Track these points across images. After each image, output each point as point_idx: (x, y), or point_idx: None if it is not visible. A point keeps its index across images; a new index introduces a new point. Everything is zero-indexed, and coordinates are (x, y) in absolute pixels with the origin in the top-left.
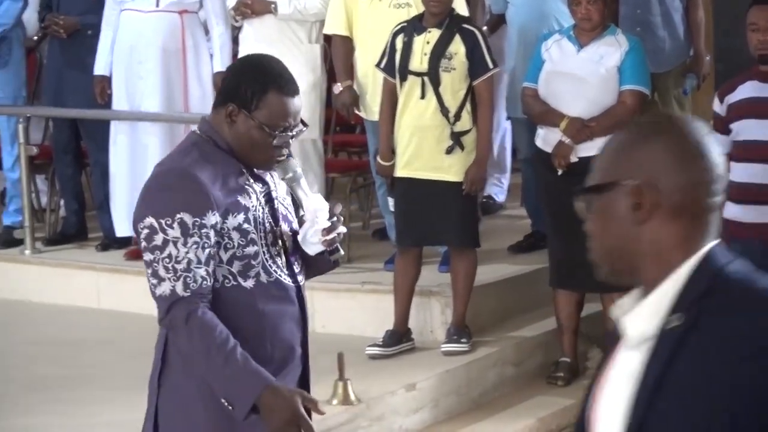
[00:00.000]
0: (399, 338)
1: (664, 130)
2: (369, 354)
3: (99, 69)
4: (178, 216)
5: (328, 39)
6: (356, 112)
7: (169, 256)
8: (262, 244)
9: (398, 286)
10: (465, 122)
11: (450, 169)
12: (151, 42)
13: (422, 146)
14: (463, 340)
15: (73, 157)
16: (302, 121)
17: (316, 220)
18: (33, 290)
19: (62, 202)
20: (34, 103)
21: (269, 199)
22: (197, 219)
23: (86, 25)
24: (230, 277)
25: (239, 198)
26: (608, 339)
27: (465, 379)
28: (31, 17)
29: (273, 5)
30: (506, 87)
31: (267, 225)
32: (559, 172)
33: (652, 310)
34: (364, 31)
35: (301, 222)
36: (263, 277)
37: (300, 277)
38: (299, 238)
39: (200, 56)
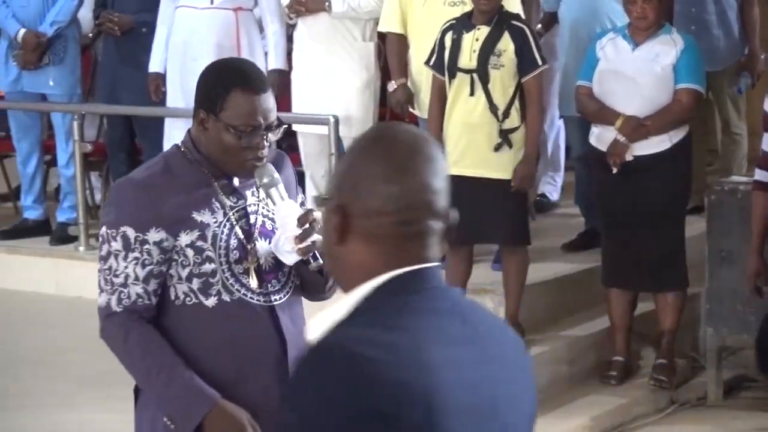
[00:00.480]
0: None
1: (369, 151)
2: None
3: (153, 66)
4: (122, 229)
5: (382, 37)
6: (411, 110)
7: (110, 268)
8: (221, 262)
9: (450, 284)
10: (514, 119)
11: (499, 167)
12: (205, 39)
13: (471, 144)
14: None
15: (127, 154)
16: (279, 120)
17: (285, 227)
18: (86, 287)
19: None
20: (89, 101)
21: (244, 215)
22: (139, 234)
23: (140, 23)
24: (191, 294)
25: (195, 214)
26: None
27: None
28: (86, 15)
29: (327, 3)
30: (558, 85)
31: (232, 242)
32: (614, 171)
33: (321, 322)
34: (418, 29)
35: None
36: (225, 296)
37: (277, 297)
38: (272, 246)
39: (255, 54)
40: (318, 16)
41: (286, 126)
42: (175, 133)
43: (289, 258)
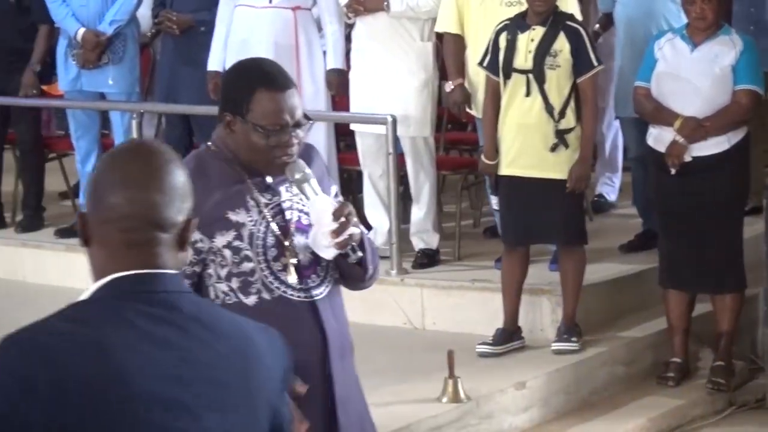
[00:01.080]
0: (509, 336)
1: (108, 163)
2: (479, 352)
3: (213, 65)
4: None
5: (439, 37)
6: (467, 110)
7: None
8: (259, 261)
9: (505, 285)
10: (570, 120)
11: (555, 167)
12: (263, 38)
13: (527, 144)
14: (573, 339)
15: (186, 153)
16: (305, 116)
17: (320, 222)
18: None
19: None
20: (147, 99)
21: (279, 212)
22: None
23: (199, 22)
24: (231, 293)
25: (231, 214)
26: None
27: (575, 378)
28: (145, 14)
29: (386, 2)
30: (614, 86)
31: (269, 240)
32: (672, 172)
33: None
34: (475, 29)
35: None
36: (265, 294)
37: (316, 292)
38: (309, 242)
39: (313, 53)
40: (377, 15)
41: (313, 122)
42: None
43: (327, 252)
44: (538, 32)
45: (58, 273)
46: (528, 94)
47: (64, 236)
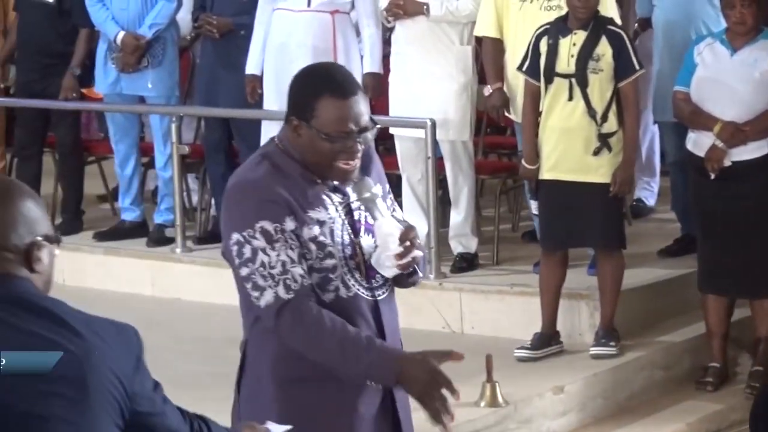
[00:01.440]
0: (547, 341)
1: None
2: (517, 356)
3: (250, 68)
4: (258, 225)
5: (478, 41)
6: (506, 114)
7: (262, 264)
8: (340, 258)
9: (544, 289)
10: (612, 124)
11: (597, 171)
12: (302, 41)
13: (569, 148)
14: (611, 344)
15: (225, 156)
16: (372, 120)
17: (387, 246)
18: (183, 288)
19: (213, 201)
20: (187, 103)
21: (349, 211)
22: (277, 224)
23: (239, 26)
24: None
25: (314, 211)
26: None
27: (612, 383)
28: (184, 17)
29: (425, 6)
30: (653, 90)
31: (346, 237)
32: (712, 177)
33: None
34: (514, 33)
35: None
36: (342, 292)
37: (379, 292)
38: (372, 261)
39: (351, 57)
40: (416, 19)
41: (380, 127)
42: (271, 135)
43: (389, 272)
44: (580, 36)
45: (97, 276)
46: (570, 98)
47: (103, 239)
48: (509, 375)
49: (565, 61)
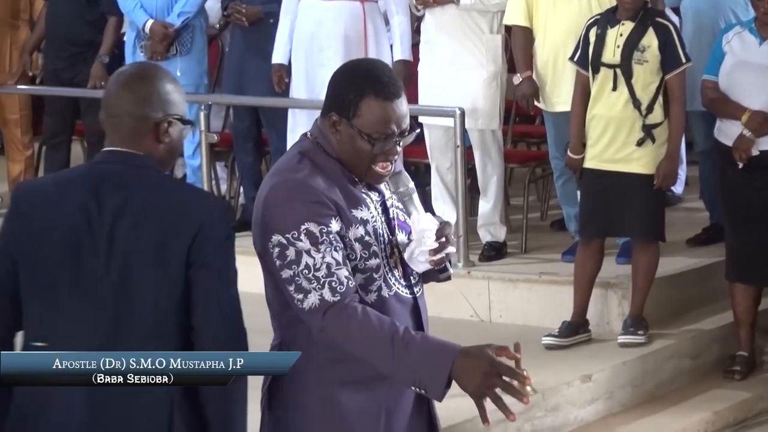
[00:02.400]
0: (576, 329)
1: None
2: (545, 344)
3: (277, 57)
4: (303, 227)
5: (508, 29)
6: (536, 103)
7: (307, 266)
8: (382, 257)
9: (578, 277)
10: (657, 115)
11: (640, 161)
12: (332, 30)
13: (613, 138)
14: (640, 332)
15: (254, 144)
16: (412, 125)
17: (423, 241)
18: None
19: (241, 190)
20: (215, 91)
21: (385, 209)
22: (323, 226)
23: (268, 14)
24: None
25: (356, 210)
26: None
27: (641, 371)
28: (213, 6)
29: None
30: None
31: (385, 236)
32: (740, 166)
33: None
34: (544, 22)
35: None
36: (384, 291)
37: (416, 288)
38: (405, 256)
39: (381, 45)
40: (446, 7)
41: (419, 131)
42: (299, 124)
43: (420, 267)
44: (627, 27)
45: None
46: (615, 88)
47: None
48: (537, 363)
49: (611, 51)
